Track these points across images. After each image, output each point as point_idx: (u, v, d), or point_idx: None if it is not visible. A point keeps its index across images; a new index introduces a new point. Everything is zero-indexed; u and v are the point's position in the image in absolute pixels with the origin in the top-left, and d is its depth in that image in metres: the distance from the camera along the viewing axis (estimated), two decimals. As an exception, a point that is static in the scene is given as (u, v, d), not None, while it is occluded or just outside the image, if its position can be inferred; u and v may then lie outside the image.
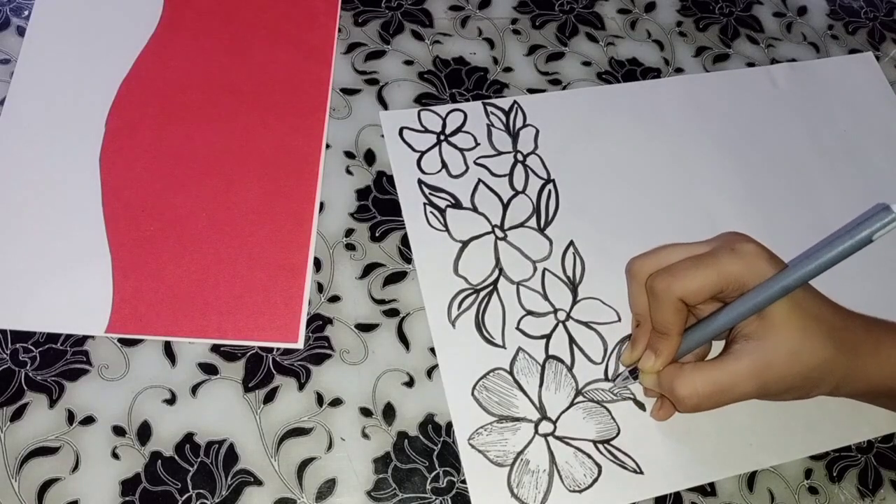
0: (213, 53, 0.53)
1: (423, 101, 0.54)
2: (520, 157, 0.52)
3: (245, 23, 0.55)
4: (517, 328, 0.47)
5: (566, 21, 0.59)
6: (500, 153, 0.52)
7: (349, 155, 0.51)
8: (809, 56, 0.60)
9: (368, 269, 0.48)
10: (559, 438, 0.44)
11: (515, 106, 0.54)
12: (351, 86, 0.53)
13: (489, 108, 0.54)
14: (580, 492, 0.43)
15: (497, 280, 0.48)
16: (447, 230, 0.49)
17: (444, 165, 0.51)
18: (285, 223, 0.48)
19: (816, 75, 0.59)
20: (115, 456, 0.41)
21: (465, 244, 0.49)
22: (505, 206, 0.51)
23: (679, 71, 0.57)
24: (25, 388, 0.42)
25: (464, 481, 0.42)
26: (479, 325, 0.47)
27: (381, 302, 0.47)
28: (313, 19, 0.55)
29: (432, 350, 0.46)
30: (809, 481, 0.45)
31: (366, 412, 0.44)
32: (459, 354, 0.46)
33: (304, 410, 0.43)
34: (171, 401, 0.43)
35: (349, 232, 0.49)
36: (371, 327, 0.46)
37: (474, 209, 0.50)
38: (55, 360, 0.43)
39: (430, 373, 0.45)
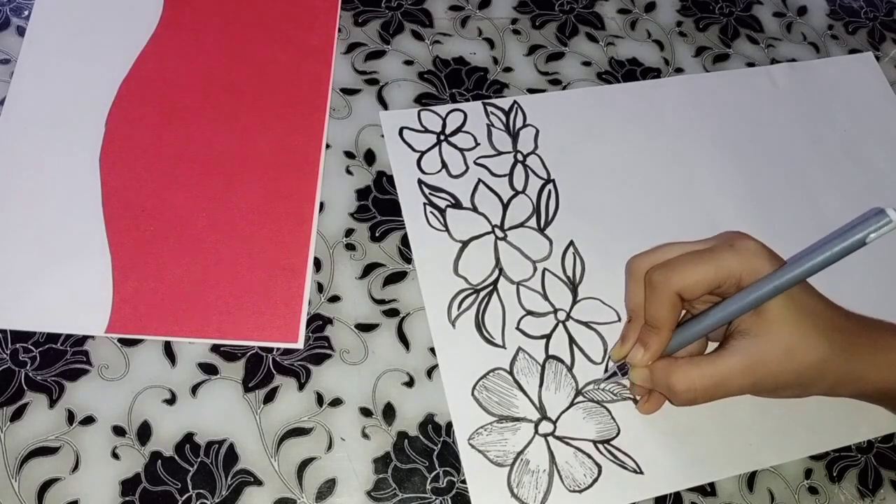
0: (213, 53, 0.53)
1: (423, 101, 0.54)
2: (520, 157, 0.52)
3: (245, 22, 0.55)
4: (517, 328, 0.47)
5: (566, 21, 0.59)
6: (500, 153, 0.52)
7: (349, 155, 0.51)
8: (809, 56, 0.60)
9: (368, 269, 0.48)
10: (559, 438, 0.44)
11: (515, 106, 0.54)
12: (351, 86, 0.53)
13: (489, 108, 0.54)
14: (580, 492, 0.43)
15: (497, 280, 0.48)
16: (447, 230, 0.49)
17: (444, 165, 0.51)
18: (285, 223, 0.48)
19: (816, 75, 0.59)
20: (115, 456, 0.41)
21: (465, 244, 0.49)
22: (505, 206, 0.51)
23: (679, 71, 0.57)
24: (25, 388, 0.42)
25: (464, 481, 0.42)
26: (479, 325, 0.47)
27: (380, 302, 0.47)
28: (313, 19, 0.55)
29: (432, 350, 0.46)
30: (809, 481, 0.45)
31: (366, 412, 0.44)
32: (459, 354, 0.46)
33: (304, 410, 0.43)
34: (171, 401, 0.43)
35: (349, 232, 0.49)
36: (371, 327, 0.46)
37: (474, 209, 0.50)
38: (55, 360, 0.43)
39: (430, 373, 0.45)
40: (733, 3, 0.62)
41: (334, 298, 0.46)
